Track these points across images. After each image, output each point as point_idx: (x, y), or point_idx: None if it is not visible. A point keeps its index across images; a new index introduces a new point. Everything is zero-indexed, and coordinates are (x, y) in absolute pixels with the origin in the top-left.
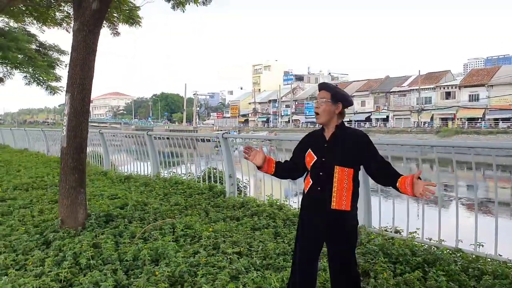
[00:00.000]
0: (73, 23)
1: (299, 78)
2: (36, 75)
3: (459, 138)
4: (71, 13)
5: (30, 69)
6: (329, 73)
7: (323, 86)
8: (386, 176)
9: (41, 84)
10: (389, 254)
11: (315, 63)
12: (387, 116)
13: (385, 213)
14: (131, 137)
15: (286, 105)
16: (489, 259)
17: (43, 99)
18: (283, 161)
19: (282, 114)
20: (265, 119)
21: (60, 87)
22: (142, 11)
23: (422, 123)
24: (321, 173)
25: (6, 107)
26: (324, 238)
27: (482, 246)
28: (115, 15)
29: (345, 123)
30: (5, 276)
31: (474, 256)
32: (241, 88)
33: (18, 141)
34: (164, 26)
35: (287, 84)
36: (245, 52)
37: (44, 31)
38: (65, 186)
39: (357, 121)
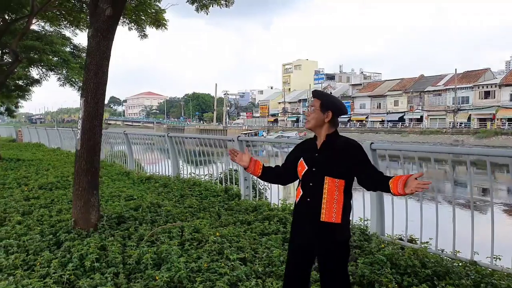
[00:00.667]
0: (88, 29)
1: (330, 77)
2: (69, 77)
3: (498, 139)
4: None
5: (64, 71)
6: (361, 72)
7: (314, 94)
8: (378, 182)
9: (74, 85)
10: (398, 265)
11: (348, 62)
12: (421, 116)
13: (401, 221)
14: (153, 138)
15: None
16: (506, 273)
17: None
18: (274, 166)
19: None
20: (295, 119)
21: None
22: (179, 11)
23: (458, 124)
24: (311, 184)
25: (46, 106)
26: (315, 251)
27: (500, 259)
28: (143, 18)
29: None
30: (12, 277)
31: (490, 270)
32: (271, 88)
33: (52, 140)
34: (198, 26)
35: (318, 83)
36: (276, 51)
37: (76, 34)
38: (78, 188)
39: (390, 121)
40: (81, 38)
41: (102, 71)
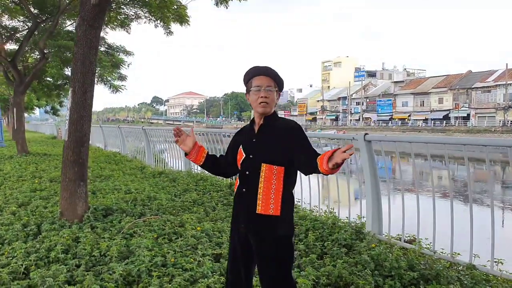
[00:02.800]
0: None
1: (371, 74)
2: (102, 75)
3: None
4: (129, 15)
5: (97, 69)
6: (404, 69)
7: (270, 72)
8: (314, 164)
9: (106, 83)
10: (383, 266)
11: (390, 59)
12: (468, 115)
13: (407, 220)
14: (167, 132)
15: (356, 103)
16: (503, 279)
17: (125, 98)
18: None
19: (352, 112)
20: (334, 117)
21: (122, 85)
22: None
23: (510, 122)
24: (247, 172)
25: (94, 106)
26: (253, 249)
27: (502, 263)
28: (168, 15)
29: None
30: None
31: (490, 275)
32: (310, 86)
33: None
34: (240, 25)
35: (358, 80)
36: (316, 48)
37: (107, 32)
38: (65, 179)
39: (434, 119)
40: (112, 36)
41: (89, 61)
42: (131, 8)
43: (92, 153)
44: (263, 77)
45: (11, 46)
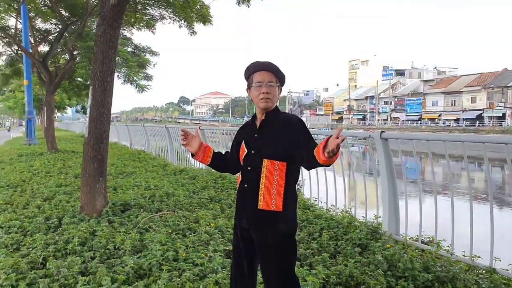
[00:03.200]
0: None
1: (400, 73)
2: (129, 75)
3: None
4: (154, 15)
5: (123, 69)
6: (435, 67)
7: (273, 67)
8: (311, 156)
9: (132, 82)
10: (397, 267)
11: (419, 58)
12: (503, 114)
13: (426, 221)
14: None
15: (384, 102)
16: None
17: (153, 98)
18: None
19: (380, 112)
20: (361, 117)
21: (148, 85)
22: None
23: None
24: (249, 168)
25: (122, 106)
26: (255, 244)
27: None
28: (191, 15)
29: (278, 107)
30: None
31: (511, 279)
32: (337, 85)
33: (112, 135)
34: (263, 24)
35: (386, 79)
36: (343, 47)
37: (133, 33)
38: (85, 175)
39: (466, 119)
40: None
41: (109, 59)
42: (156, 8)
43: (118, 151)
44: (264, 72)
45: (44, 48)
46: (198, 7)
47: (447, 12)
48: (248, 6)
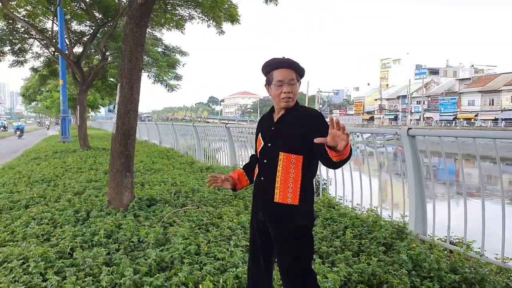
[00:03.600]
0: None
1: (434, 71)
2: (159, 75)
3: None
4: (185, 16)
5: (154, 69)
6: (472, 66)
7: (293, 63)
8: (325, 154)
9: (162, 82)
10: (422, 267)
11: (455, 56)
12: None
13: (456, 221)
14: (215, 129)
15: (417, 102)
16: None
17: (183, 98)
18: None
19: (413, 111)
20: (392, 117)
21: (177, 84)
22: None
23: None
24: (265, 161)
25: (153, 106)
26: (272, 238)
27: None
28: (220, 14)
29: (297, 101)
30: (25, 243)
31: None
32: (368, 84)
33: (142, 134)
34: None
35: (419, 78)
36: (375, 46)
37: (163, 33)
38: (112, 170)
39: (506, 119)
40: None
41: (136, 57)
42: (185, 9)
43: (148, 149)
44: (285, 70)
45: (78, 49)
46: (226, 6)
47: (488, 10)
48: (276, 4)
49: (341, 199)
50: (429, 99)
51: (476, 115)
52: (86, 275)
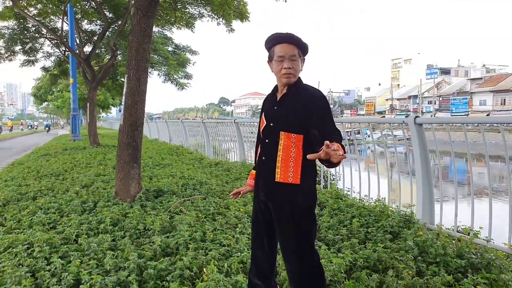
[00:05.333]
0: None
1: (445, 71)
2: (169, 73)
3: None
4: (195, 14)
5: (163, 68)
6: (483, 65)
7: (295, 38)
8: (317, 147)
9: (172, 81)
10: (428, 253)
11: (467, 56)
12: None
13: (463, 211)
14: (224, 124)
15: (428, 101)
16: None
17: (194, 99)
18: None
19: (424, 111)
20: (404, 117)
21: (188, 83)
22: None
23: None
24: (267, 140)
25: (165, 107)
26: (273, 218)
27: None
28: (229, 12)
29: (300, 79)
30: (31, 230)
31: None
32: (379, 84)
33: (152, 133)
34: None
35: (431, 78)
36: (386, 45)
37: (173, 32)
38: (119, 161)
39: None
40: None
41: (143, 48)
42: (195, 7)
43: (157, 146)
44: (286, 45)
45: (89, 49)
46: (236, 3)
47: (500, 7)
48: (285, 1)
49: (349, 191)
50: (440, 99)
51: (487, 115)
52: (90, 259)
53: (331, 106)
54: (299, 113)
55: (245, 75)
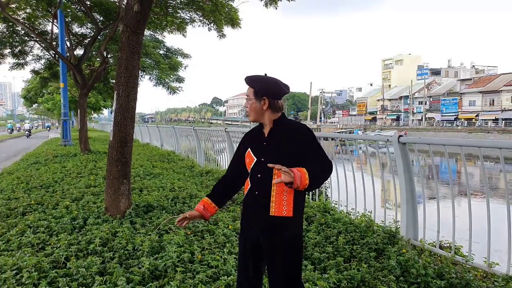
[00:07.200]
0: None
1: (435, 72)
2: (160, 77)
3: None
4: (186, 19)
5: (155, 72)
6: (473, 66)
7: (247, 81)
8: None
9: (164, 85)
10: (410, 273)
11: (457, 57)
12: None
13: (446, 226)
14: (216, 133)
15: (419, 102)
16: None
17: (187, 99)
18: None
19: (415, 112)
20: (395, 117)
21: (179, 87)
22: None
23: None
24: (259, 175)
25: (157, 107)
26: (264, 250)
27: None
28: (220, 17)
29: (290, 117)
30: (19, 253)
31: None
32: (371, 85)
33: (144, 137)
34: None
35: (421, 79)
36: (377, 47)
37: (164, 36)
38: (109, 177)
39: (506, 119)
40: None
41: (132, 65)
42: (186, 12)
43: (149, 152)
44: (247, 87)
45: (80, 52)
46: (227, 9)
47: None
48: (276, 8)
49: (336, 204)
50: (431, 99)
51: (477, 115)
52: (79, 285)
53: (323, 107)
54: (289, 149)
55: (238, 75)
